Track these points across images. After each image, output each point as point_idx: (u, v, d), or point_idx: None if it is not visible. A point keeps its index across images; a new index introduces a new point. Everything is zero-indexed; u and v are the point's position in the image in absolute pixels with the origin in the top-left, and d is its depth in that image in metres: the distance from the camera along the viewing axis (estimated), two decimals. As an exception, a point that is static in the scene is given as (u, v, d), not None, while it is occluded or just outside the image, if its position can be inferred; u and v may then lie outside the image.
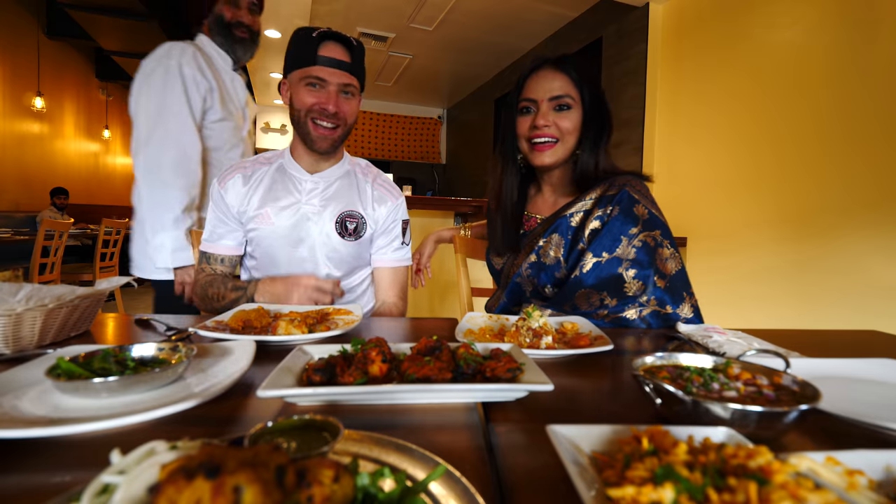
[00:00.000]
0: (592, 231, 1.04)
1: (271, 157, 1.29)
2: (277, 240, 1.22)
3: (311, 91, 1.15)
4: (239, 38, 1.65)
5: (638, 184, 1.06)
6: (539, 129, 1.06)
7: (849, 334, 1.02)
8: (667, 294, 0.98)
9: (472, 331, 0.87)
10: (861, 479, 0.33)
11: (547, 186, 1.20)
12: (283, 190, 1.23)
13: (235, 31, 1.64)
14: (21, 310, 0.70)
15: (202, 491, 0.23)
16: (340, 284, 1.15)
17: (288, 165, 1.26)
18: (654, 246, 0.99)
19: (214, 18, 1.63)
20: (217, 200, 1.23)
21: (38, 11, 5.95)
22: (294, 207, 1.22)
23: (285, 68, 1.20)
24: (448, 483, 0.33)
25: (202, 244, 1.26)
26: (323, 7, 4.17)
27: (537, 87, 1.07)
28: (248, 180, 1.23)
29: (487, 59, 5.22)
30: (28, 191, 5.90)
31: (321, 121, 1.16)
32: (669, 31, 3.16)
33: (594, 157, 1.08)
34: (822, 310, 2.21)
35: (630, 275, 0.98)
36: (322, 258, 1.25)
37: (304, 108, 1.15)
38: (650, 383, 0.49)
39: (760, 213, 2.50)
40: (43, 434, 0.43)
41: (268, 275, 1.24)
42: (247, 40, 1.67)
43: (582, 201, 1.08)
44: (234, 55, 1.68)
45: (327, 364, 0.57)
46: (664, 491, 0.30)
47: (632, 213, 1.01)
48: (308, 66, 1.13)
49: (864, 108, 2.05)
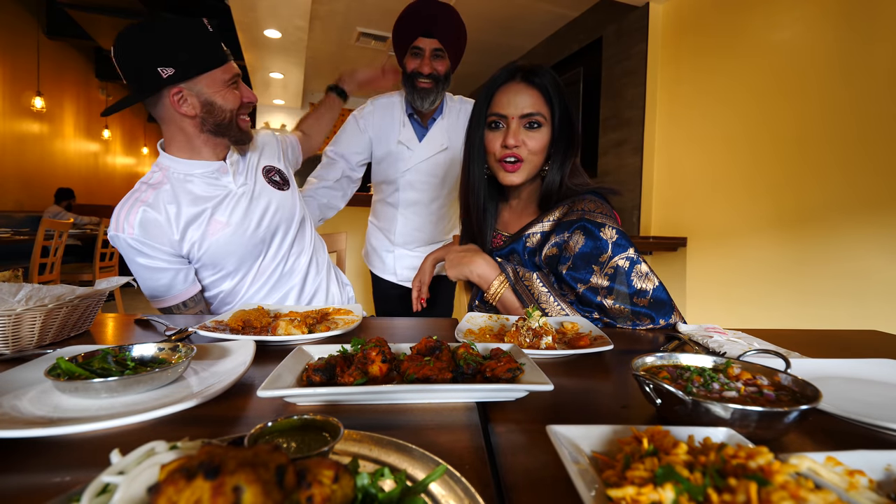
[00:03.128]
0: (549, 257, 1.04)
1: (155, 181, 1.14)
2: (233, 238, 1.17)
3: (233, 90, 1.13)
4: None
5: (598, 205, 1.03)
6: (509, 149, 1.03)
7: (849, 334, 1.02)
8: (652, 310, 0.97)
9: (472, 331, 0.87)
10: (861, 479, 0.33)
11: (515, 201, 1.18)
12: (207, 190, 1.17)
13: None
14: (21, 310, 0.70)
15: (202, 491, 0.23)
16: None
17: (188, 169, 1.16)
18: (628, 268, 0.97)
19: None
20: (139, 248, 1.08)
21: (38, 11, 5.95)
22: (229, 199, 1.18)
23: (178, 75, 1.05)
24: (448, 483, 0.33)
25: (156, 304, 1.17)
26: (323, 7, 4.16)
27: (508, 103, 1.03)
28: (157, 208, 1.10)
29: (487, 59, 5.22)
30: (28, 191, 5.90)
31: (245, 115, 1.19)
32: (669, 31, 3.16)
33: (559, 175, 1.06)
34: (822, 310, 2.20)
35: (609, 303, 0.97)
36: (276, 224, 1.27)
37: (234, 106, 1.14)
38: (650, 383, 0.49)
39: (761, 213, 2.50)
40: (43, 434, 0.43)
41: (223, 270, 1.19)
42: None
43: (540, 223, 1.07)
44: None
45: (327, 364, 0.57)
46: (664, 491, 0.29)
47: (600, 241, 0.98)
48: (222, 64, 1.10)
49: (864, 107, 2.05)
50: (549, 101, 1.04)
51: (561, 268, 1.02)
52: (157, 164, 1.18)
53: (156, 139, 3.85)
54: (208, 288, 1.22)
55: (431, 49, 1.56)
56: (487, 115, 1.07)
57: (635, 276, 0.97)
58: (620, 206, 3.44)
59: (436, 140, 1.68)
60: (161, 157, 1.18)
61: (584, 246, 0.98)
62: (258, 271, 1.24)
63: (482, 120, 1.08)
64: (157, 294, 1.14)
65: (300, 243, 1.35)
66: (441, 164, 1.70)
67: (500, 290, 1.02)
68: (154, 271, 1.11)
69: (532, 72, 1.04)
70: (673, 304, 0.98)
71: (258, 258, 1.24)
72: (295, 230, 1.32)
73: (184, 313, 1.17)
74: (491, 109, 1.06)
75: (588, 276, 0.98)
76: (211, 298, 1.24)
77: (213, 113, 1.11)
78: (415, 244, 1.78)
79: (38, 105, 5.84)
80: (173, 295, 1.14)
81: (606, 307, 0.97)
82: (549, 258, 1.04)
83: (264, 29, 4.24)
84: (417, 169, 1.70)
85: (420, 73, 1.57)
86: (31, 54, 5.89)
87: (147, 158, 10.19)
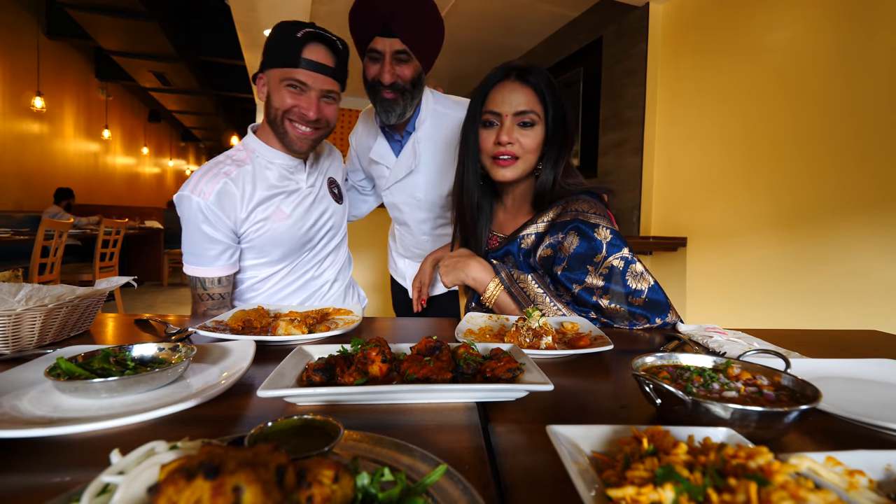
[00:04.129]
0: (544, 258, 1.04)
1: (240, 158, 1.21)
2: (289, 231, 1.23)
3: (291, 93, 1.13)
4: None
5: (591, 206, 1.03)
6: (502, 146, 1.04)
7: (849, 334, 1.02)
8: (648, 310, 0.97)
9: (472, 331, 0.87)
10: (861, 479, 0.33)
11: (509, 200, 1.17)
12: (281, 181, 1.23)
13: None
14: (21, 310, 0.70)
15: (202, 491, 0.23)
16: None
17: (271, 157, 1.22)
18: (623, 268, 0.97)
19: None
20: (208, 214, 1.13)
21: (38, 11, 5.95)
22: (297, 194, 1.25)
23: (265, 62, 1.16)
24: (448, 483, 0.33)
25: (189, 268, 1.19)
26: (323, 7, 4.16)
27: (502, 101, 1.03)
28: (237, 183, 1.16)
29: (487, 59, 5.22)
30: (28, 191, 5.90)
31: (300, 124, 1.16)
32: (669, 30, 3.16)
33: (553, 175, 1.07)
34: (822, 310, 2.20)
35: (605, 303, 0.97)
36: (326, 230, 1.34)
37: (282, 108, 1.14)
38: (650, 383, 0.49)
39: (760, 213, 2.50)
40: (43, 434, 0.43)
41: (267, 257, 1.25)
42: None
43: (534, 224, 1.07)
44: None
45: (327, 364, 0.57)
46: (664, 491, 0.29)
47: (594, 241, 0.98)
48: (290, 67, 1.11)
49: (864, 107, 2.05)
50: (542, 100, 1.05)
51: (556, 269, 1.02)
52: (243, 144, 1.26)
53: (156, 139, 3.85)
54: (244, 270, 1.26)
55: (392, 51, 1.23)
56: (482, 112, 1.07)
57: (630, 275, 0.97)
58: (620, 206, 3.44)
59: (408, 158, 1.43)
60: (249, 137, 1.25)
61: (579, 247, 0.99)
62: (294, 267, 1.30)
63: (477, 118, 1.08)
64: (199, 262, 1.17)
65: (335, 254, 1.42)
66: (417, 185, 1.45)
67: (495, 292, 1.03)
68: (210, 240, 1.15)
69: (527, 71, 1.05)
70: (669, 303, 0.98)
71: (301, 255, 1.30)
72: (336, 241, 1.41)
73: (210, 290, 1.20)
74: (485, 107, 1.06)
75: (583, 276, 0.98)
76: (241, 281, 1.28)
77: (269, 106, 1.18)
78: (417, 258, 1.67)
79: (38, 105, 5.84)
80: (215, 267, 1.18)
81: (602, 307, 0.97)
82: (543, 259, 1.05)
83: (264, 29, 4.24)
84: (397, 188, 1.49)
85: (380, 82, 1.26)
86: (31, 54, 5.89)
87: (147, 158, 10.19)
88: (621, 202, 3.44)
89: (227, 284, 1.22)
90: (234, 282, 1.27)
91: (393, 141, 1.47)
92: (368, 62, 1.29)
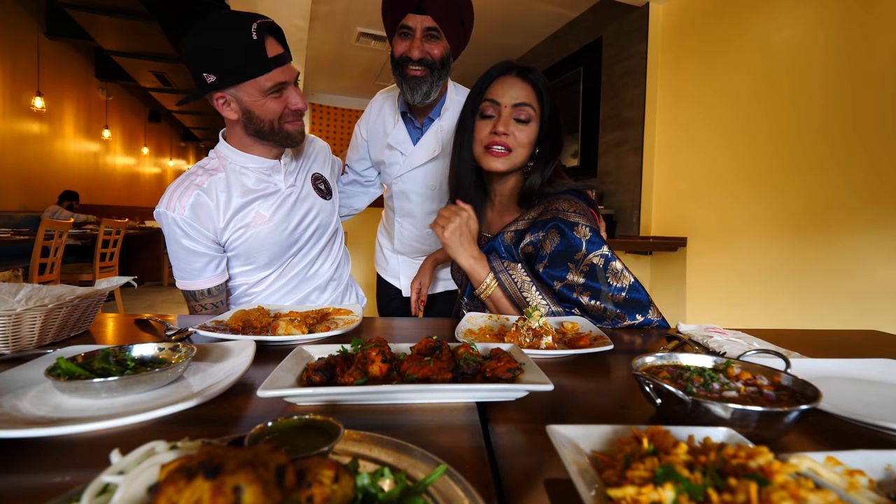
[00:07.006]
0: (526, 255, 1.05)
1: (212, 167, 1.18)
2: (271, 234, 1.20)
3: (276, 99, 1.10)
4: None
5: (572, 204, 1.03)
6: (497, 136, 1.05)
7: (849, 334, 1.02)
8: (626, 308, 0.97)
9: (472, 331, 0.87)
10: (861, 479, 0.33)
11: (497, 199, 1.18)
12: (258, 185, 1.19)
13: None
14: (21, 310, 0.70)
15: (202, 491, 0.23)
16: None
17: (244, 161, 1.19)
18: (603, 265, 0.98)
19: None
20: (186, 229, 1.11)
21: (38, 11, 5.95)
22: (276, 196, 1.21)
23: (221, 80, 1.05)
24: (448, 483, 0.33)
25: (179, 283, 1.18)
26: (323, 7, 4.16)
27: (502, 93, 1.05)
28: (210, 193, 1.13)
29: (487, 59, 5.22)
30: (28, 191, 5.90)
31: (295, 118, 1.16)
32: (669, 30, 3.16)
33: (540, 175, 1.08)
34: (822, 310, 2.20)
35: (585, 300, 0.98)
36: (313, 229, 1.30)
37: (275, 116, 1.11)
38: (650, 383, 0.49)
39: (761, 213, 2.50)
40: (43, 434, 0.43)
41: (254, 263, 1.22)
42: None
43: (515, 223, 1.09)
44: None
45: (327, 364, 0.57)
46: (664, 491, 0.29)
47: (573, 239, 0.99)
48: (264, 74, 1.06)
49: (865, 106, 2.05)
50: (540, 98, 1.07)
51: (537, 266, 1.03)
52: (215, 151, 1.22)
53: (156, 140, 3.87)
54: (234, 277, 1.25)
55: (423, 28, 1.27)
56: (481, 101, 1.08)
57: (609, 273, 0.98)
58: (620, 206, 3.44)
59: (430, 145, 1.44)
60: (220, 145, 1.21)
61: (559, 245, 1.00)
62: (284, 270, 1.28)
63: (475, 108, 1.10)
64: (186, 276, 1.17)
65: (328, 252, 1.39)
66: (436, 173, 1.48)
67: (491, 284, 1.03)
68: (192, 254, 1.14)
69: (526, 68, 1.07)
70: (649, 301, 0.99)
71: (288, 257, 1.27)
72: (327, 238, 1.36)
73: (202, 301, 1.19)
74: (484, 97, 1.08)
75: (564, 273, 0.99)
76: (233, 288, 1.27)
77: (253, 120, 1.12)
78: (415, 254, 1.65)
79: (38, 105, 5.83)
80: (203, 279, 1.17)
81: (583, 304, 0.98)
82: (526, 255, 1.06)
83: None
84: (411, 176, 1.49)
85: (409, 57, 1.29)
86: (31, 54, 5.89)
87: (147, 158, 10.18)
88: (621, 202, 3.44)
89: (219, 293, 1.21)
90: (227, 289, 1.26)
91: (413, 127, 1.47)
92: (398, 39, 1.32)
